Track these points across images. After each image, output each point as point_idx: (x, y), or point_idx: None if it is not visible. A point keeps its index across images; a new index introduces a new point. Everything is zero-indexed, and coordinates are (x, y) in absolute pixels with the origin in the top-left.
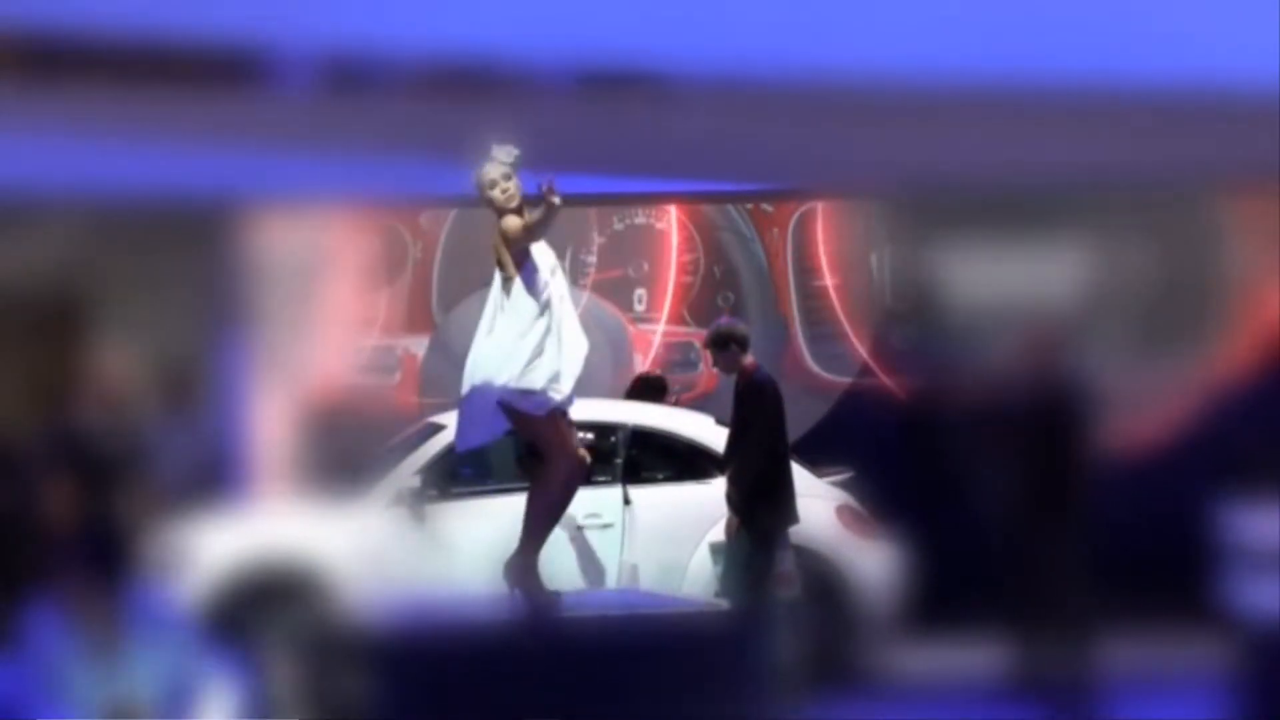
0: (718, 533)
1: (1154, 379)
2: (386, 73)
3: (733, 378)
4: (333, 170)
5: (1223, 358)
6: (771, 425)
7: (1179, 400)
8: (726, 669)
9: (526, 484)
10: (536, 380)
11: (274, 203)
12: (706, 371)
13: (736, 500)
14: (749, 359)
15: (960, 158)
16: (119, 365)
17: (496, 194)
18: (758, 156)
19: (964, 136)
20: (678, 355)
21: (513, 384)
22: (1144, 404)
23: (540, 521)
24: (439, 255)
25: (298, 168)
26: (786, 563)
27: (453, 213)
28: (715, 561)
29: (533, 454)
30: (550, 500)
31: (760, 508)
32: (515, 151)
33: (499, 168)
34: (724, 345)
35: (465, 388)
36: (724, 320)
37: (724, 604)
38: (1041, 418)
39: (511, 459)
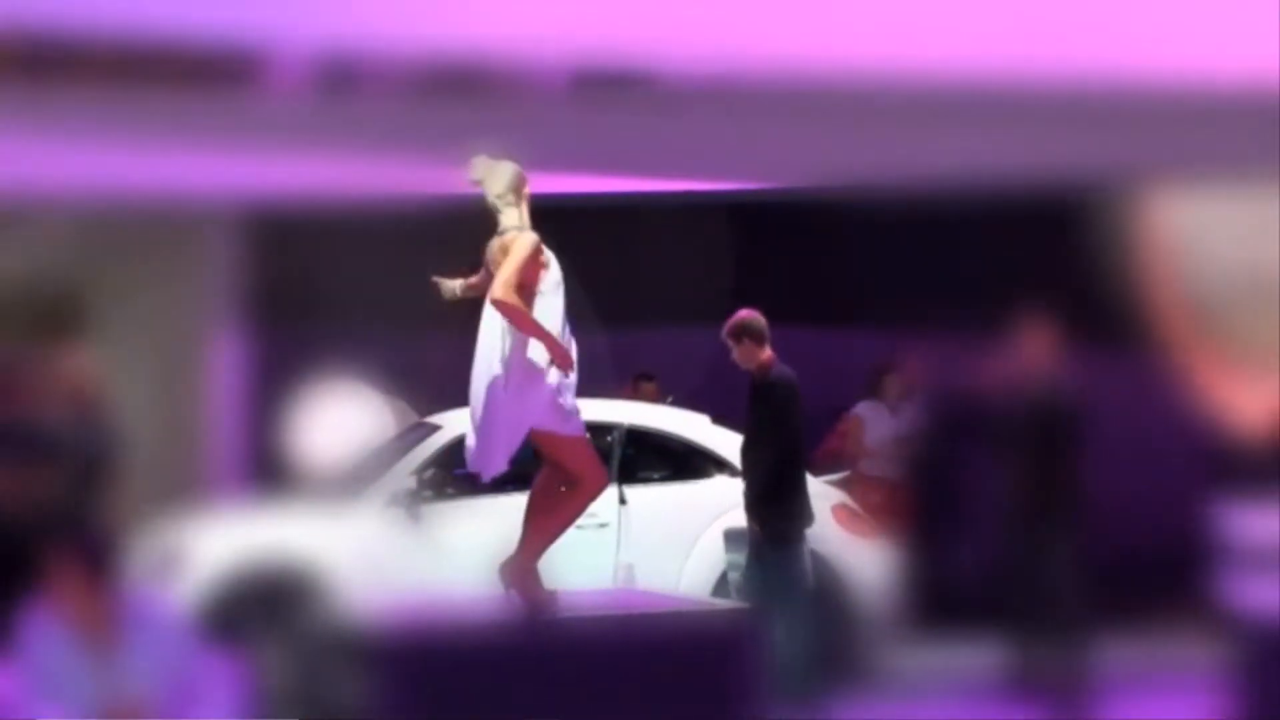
0: (716, 531)
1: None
2: (382, 73)
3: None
4: (328, 171)
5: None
6: (788, 423)
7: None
8: (723, 669)
9: (525, 486)
10: (571, 402)
11: (269, 203)
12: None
13: (753, 502)
14: (766, 353)
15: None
16: (111, 364)
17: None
18: (754, 156)
19: (963, 135)
20: None
21: (549, 408)
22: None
23: (554, 533)
24: None
25: (293, 168)
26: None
27: None
28: (729, 549)
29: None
30: (574, 515)
31: (777, 511)
32: (513, 169)
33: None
34: (737, 338)
35: (485, 411)
36: (741, 312)
37: (720, 603)
38: (1036, 418)
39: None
